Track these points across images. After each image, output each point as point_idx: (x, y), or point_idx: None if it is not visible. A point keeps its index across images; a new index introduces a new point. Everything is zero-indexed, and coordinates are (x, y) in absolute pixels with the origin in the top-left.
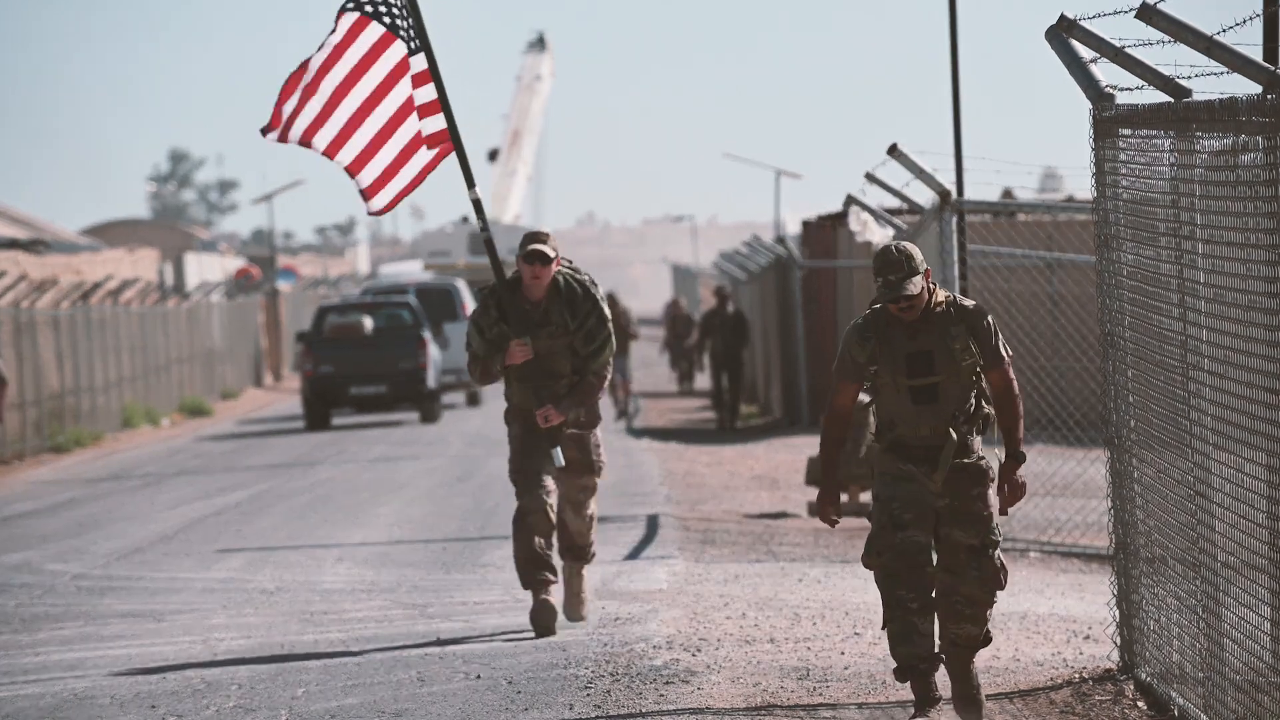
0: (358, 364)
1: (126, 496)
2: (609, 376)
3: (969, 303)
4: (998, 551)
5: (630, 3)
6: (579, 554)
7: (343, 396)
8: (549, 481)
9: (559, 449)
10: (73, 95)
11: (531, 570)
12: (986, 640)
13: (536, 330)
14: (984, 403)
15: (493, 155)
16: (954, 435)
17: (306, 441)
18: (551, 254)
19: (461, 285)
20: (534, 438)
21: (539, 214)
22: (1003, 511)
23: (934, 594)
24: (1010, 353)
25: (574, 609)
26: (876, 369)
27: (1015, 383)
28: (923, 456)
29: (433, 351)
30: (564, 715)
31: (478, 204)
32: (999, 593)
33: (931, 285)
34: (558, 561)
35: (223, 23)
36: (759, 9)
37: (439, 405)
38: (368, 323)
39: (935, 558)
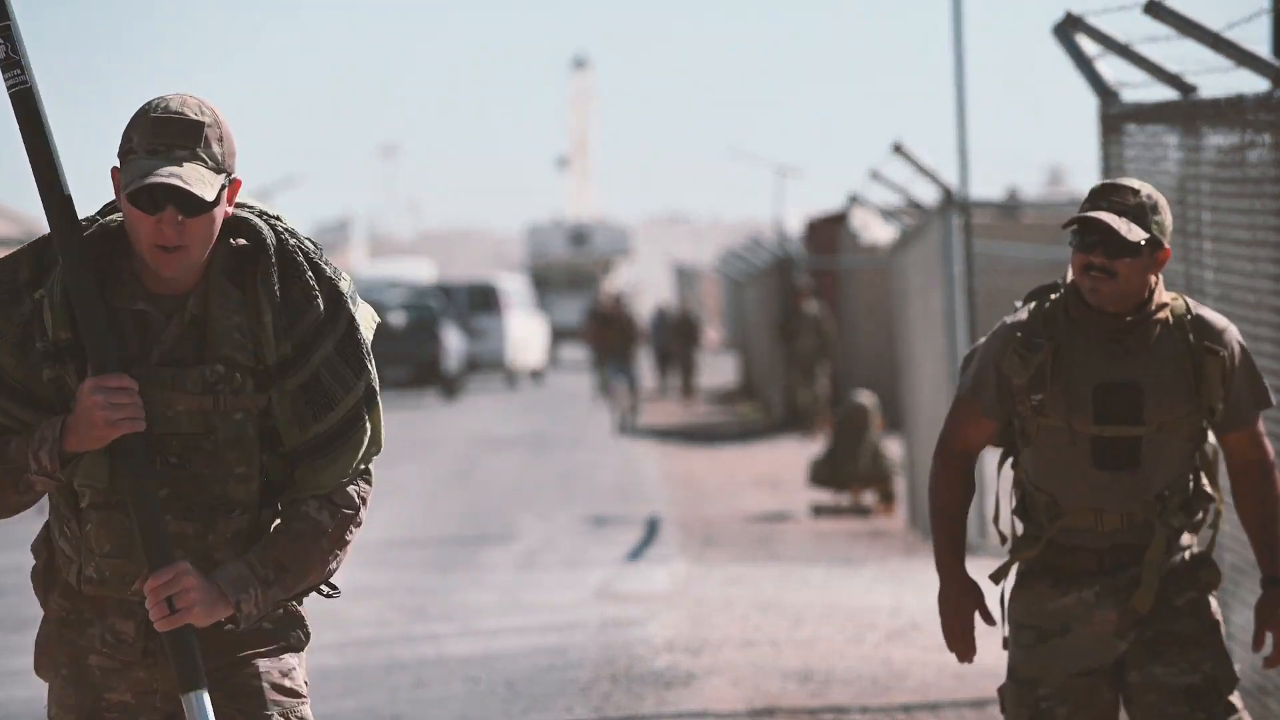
0: (386, 352)
1: None
2: (360, 516)
3: (1216, 318)
4: (1236, 694)
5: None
6: None
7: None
8: None
9: (202, 697)
10: (70, 94)
11: None
12: None
13: (173, 374)
14: (1206, 482)
15: (563, 162)
16: (1159, 528)
17: None
18: (217, 177)
19: (503, 282)
20: (105, 700)
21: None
22: (1267, 665)
23: None
24: (1272, 401)
25: None
26: (1041, 401)
27: (1270, 451)
28: (1094, 567)
29: (452, 341)
30: (563, 718)
31: None
32: None
33: (1157, 279)
34: None
35: (217, 20)
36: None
37: (458, 385)
38: (393, 318)
39: None
